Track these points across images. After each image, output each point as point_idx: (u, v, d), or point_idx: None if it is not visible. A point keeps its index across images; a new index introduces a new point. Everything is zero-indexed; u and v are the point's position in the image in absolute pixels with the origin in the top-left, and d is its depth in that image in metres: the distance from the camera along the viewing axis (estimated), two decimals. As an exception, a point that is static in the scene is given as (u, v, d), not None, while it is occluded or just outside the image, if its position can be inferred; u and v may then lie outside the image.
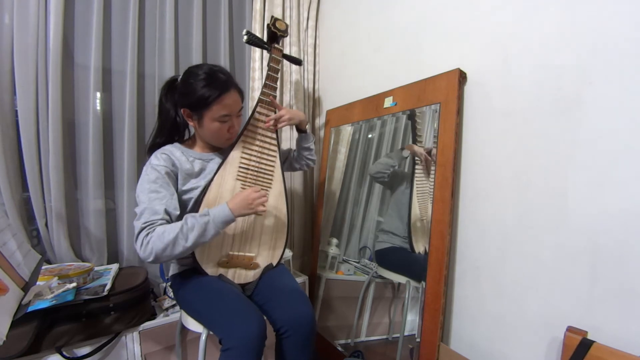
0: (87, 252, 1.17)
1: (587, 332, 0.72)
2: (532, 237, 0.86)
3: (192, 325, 0.90)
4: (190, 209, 0.94)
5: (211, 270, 0.95)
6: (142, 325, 1.01)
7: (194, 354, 1.10)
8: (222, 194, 0.96)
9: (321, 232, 1.53)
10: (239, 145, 1.01)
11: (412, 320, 1.05)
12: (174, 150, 0.94)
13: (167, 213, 0.84)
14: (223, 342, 0.77)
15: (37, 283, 0.80)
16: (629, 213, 0.69)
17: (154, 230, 0.79)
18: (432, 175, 1.02)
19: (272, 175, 1.06)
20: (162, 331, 1.05)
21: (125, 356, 0.98)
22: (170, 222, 0.84)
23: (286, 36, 1.26)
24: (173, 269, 1.01)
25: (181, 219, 0.83)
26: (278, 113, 1.08)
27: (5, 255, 0.61)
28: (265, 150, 1.06)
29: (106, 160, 1.20)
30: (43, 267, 0.96)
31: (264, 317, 0.84)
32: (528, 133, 0.87)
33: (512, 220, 0.90)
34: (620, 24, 0.71)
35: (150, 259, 0.78)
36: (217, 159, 1.00)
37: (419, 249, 1.06)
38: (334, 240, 1.45)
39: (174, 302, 1.11)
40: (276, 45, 1.21)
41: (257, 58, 1.49)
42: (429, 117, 1.07)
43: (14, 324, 0.56)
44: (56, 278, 0.91)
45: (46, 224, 1.08)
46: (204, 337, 0.86)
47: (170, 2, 1.28)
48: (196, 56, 1.37)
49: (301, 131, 1.19)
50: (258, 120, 1.06)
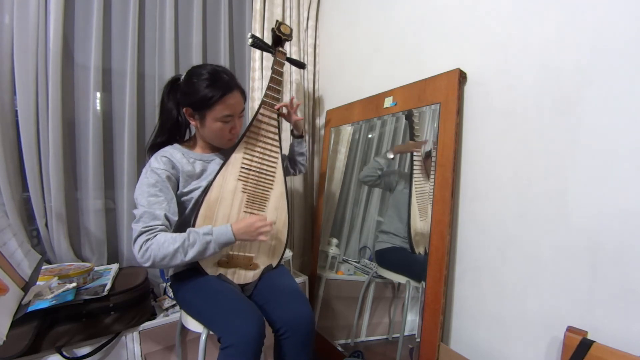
0: (87, 252, 1.17)
1: (587, 332, 0.72)
2: (532, 237, 0.85)
3: (192, 325, 0.90)
4: (190, 209, 0.94)
5: (211, 270, 0.95)
6: (142, 325, 1.01)
7: (194, 354, 1.10)
8: (224, 195, 0.96)
9: (321, 232, 1.53)
10: (242, 146, 1.02)
11: (412, 320, 1.05)
12: (174, 153, 0.94)
13: (167, 218, 0.85)
14: (222, 340, 0.77)
15: (37, 283, 0.80)
16: (629, 213, 0.69)
17: (155, 237, 0.80)
18: (432, 175, 1.02)
19: (273, 177, 1.06)
20: (162, 331, 1.05)
21: (125, 356, 0.98)
22: (169, 228, 0.85)
23: (290, 40, 1.27)
24: (173, 269, 1.01)
25: (180, 221, 0.83)
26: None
27: (5, 255, 0.61)
28: (267, 152, 1.06)
29: (106, 160, 1.20)
30: (43, 267, 0.96)
31: (263, 317, 0.84)
32: (528, 133, 0.87)
33: (512, 220, 0.90)
34: (620, 24, 0.71)
35: (147, 264, 0.80)
36: (218, 160, 1.00)
37: (419, 249, 1.06)
38: (334, 240, 1.45)
39: (174, 302, 1.11)
40: (280, 49, 1.22)
41: (257, 58, 1.49)
42: (429, 117, 1.07)
43: (14, 324, 0.56)
44: (56, 278, 0.91)
45: (46, 224, 1.08)
46: (204, 337, 0.86)
47: (170, 2, 1.28)
48: (196, 56, 1.37)
49: (296, 136, 1.21)
50: (261, 122, 1.07)
